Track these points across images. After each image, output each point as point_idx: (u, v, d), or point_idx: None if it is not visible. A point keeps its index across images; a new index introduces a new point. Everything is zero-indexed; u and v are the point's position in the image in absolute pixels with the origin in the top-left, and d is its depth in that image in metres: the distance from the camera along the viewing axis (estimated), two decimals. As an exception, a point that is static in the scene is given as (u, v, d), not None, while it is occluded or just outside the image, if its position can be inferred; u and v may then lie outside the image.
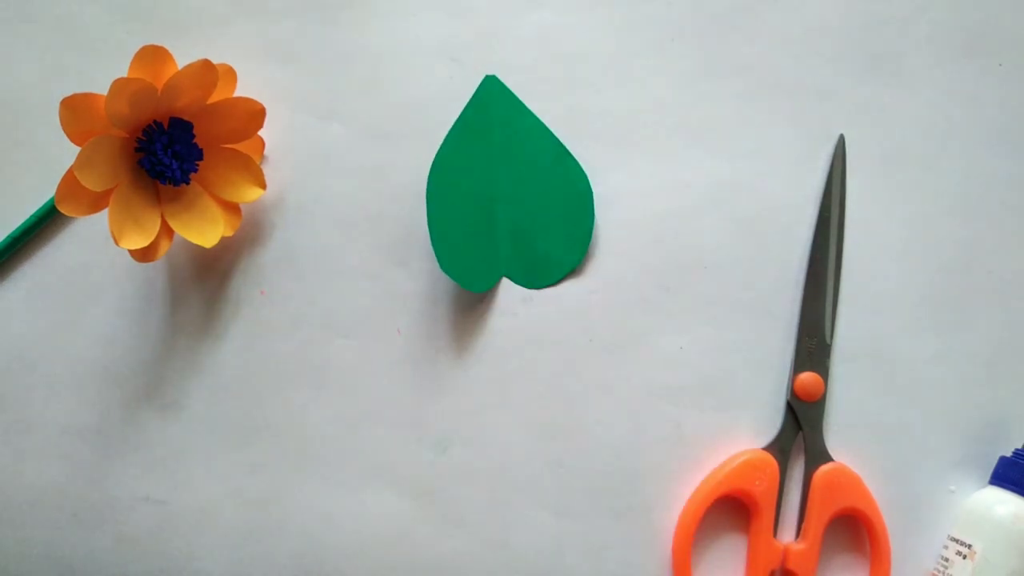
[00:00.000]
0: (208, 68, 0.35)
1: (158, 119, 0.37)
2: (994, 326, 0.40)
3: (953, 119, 0.40)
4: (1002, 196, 0.40)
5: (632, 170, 0.40)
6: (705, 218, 0.40)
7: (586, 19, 0.41)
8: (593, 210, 0.40)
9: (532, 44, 0.41)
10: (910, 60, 0.40)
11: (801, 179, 0.40)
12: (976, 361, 0.40)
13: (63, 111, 0.33)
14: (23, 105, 0.41)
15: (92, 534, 0.40)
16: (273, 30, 0.41)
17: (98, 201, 0.36)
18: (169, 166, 0.37)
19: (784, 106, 0.40)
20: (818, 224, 0.40)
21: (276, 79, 0.41)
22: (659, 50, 0.41)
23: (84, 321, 0.40)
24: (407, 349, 0.40)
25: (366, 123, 0.41)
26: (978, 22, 0.40)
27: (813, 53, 0.40)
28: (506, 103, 0.40)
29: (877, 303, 0.40)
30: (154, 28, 0.41)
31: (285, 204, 0.40)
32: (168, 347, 0.40)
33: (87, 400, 0.40)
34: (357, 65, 0.41)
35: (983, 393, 0.40)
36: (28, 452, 0.40)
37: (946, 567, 0.38)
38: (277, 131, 0.40)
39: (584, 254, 0.40)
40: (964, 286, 0.40)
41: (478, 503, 0.39)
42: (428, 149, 0.39)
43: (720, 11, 0.41)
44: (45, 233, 0.41)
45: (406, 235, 0.40)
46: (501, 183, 0.39)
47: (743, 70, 0.40)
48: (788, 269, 0.40)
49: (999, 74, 0.40)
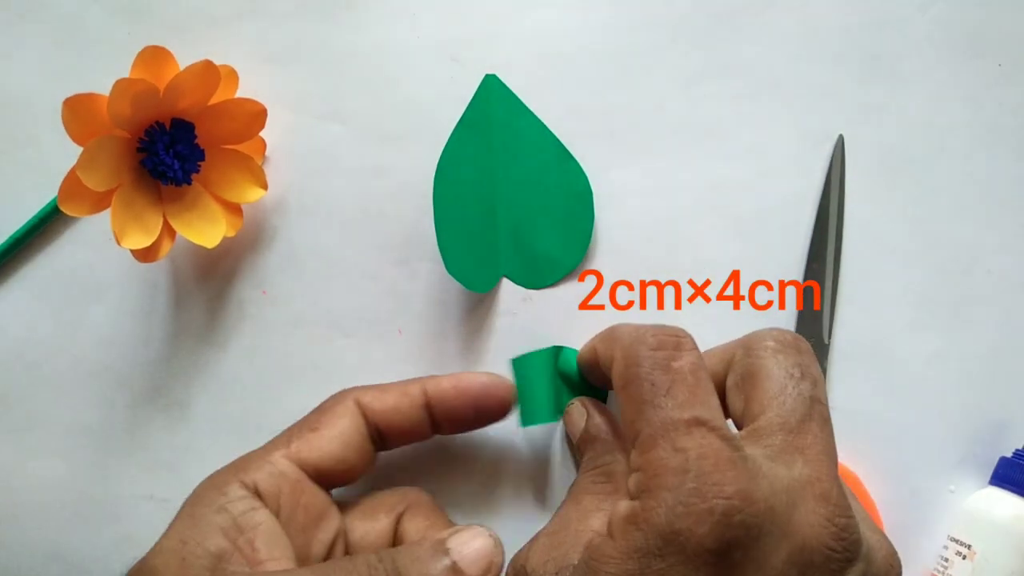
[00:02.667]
0: (210, 69, 0.36)
1: (160, 120, 0.37)
2: (994, 326, 0.40)
3: (953, 119, 0.40)
4: (1002, 196, 0.40)
5: (632, 170, 0.40)
6: (705, 218, 0.40)
7: (586, 19, 0.41)
8: (593, 210, 0.40)
9: (532, 44, 0.41)
10: (910, 60, 0.40)
11: (800, 179, 0.40)
12: (976, 361, 0.40)
13: (65, 111, 0.34)
14: (25, 105, 0.41)
15: (95, 533, 0.40)
16: (275, 31, 0.41)
17: (100, 201, 0.36)
18: (171, 166, 0.37)
19: (784, 106, 0.40)
20: (817, 223, 0.40)
21: (278, 80, 0.41)
22: (659, 50, 0.41)
23: (86, 321, 0.41)
24: (408, 349, 0.40)
25: (367, 123, 0.41)
26: (978, 22, 0.40)
27: (813, 53, 0.40)
28: (506, 103, 0.40)
29: (876, 303, 0.40)
30: (156, 29, 0.41)
31: (286, 204, 0.41)
32: (170, 347, 0.40)
33: (90, 399, 0.40)
34: (358, 65, 0.41)
35: (983, 393, 0.40)
36: (31, 451, 0.40)
37: (946, 567, 0.38)
38: (278, 132, 0.40)
39: (584, 254, 0.40)
40: (963, 286, 0.40)
41: (477, 502, 0.39)
42: (429, 149, 0.39)
43: (720, 11, 0.41)
44: (47, 233, 0.41)
45: (408, 235, 0.40)
46: (501, 183, 0.39)
47: (743, 70, 0.40)
48: (787, 269, 0.40)
49: (999, 74, 0.40)
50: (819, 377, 0.30)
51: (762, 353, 0.30)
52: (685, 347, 0.29)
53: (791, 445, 0.28)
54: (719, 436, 0.27)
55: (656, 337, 0.29)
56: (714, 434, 0.27)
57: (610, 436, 0.34)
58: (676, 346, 0.29)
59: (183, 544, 0.30)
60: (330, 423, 0.34)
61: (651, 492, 0.26)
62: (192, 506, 0.31)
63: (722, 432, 0.27)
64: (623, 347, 0.30)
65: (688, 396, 0.27)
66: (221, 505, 0.31)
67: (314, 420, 0.35)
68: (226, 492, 0.31)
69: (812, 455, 0.27)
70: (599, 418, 0.35)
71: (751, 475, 0.26)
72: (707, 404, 0.28)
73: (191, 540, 0.30)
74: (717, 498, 0.25)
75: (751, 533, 0.25)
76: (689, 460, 0.26)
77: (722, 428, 0.27)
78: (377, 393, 0.35)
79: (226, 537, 0.30)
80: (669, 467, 0.26)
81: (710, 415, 0.27)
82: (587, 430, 0.35)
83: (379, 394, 0.35)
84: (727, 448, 0.26)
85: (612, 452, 0.34)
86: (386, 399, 0.35)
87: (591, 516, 0.31)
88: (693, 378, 0.28)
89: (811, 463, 0.27)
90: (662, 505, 0.26)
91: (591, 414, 0.35)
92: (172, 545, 0.30)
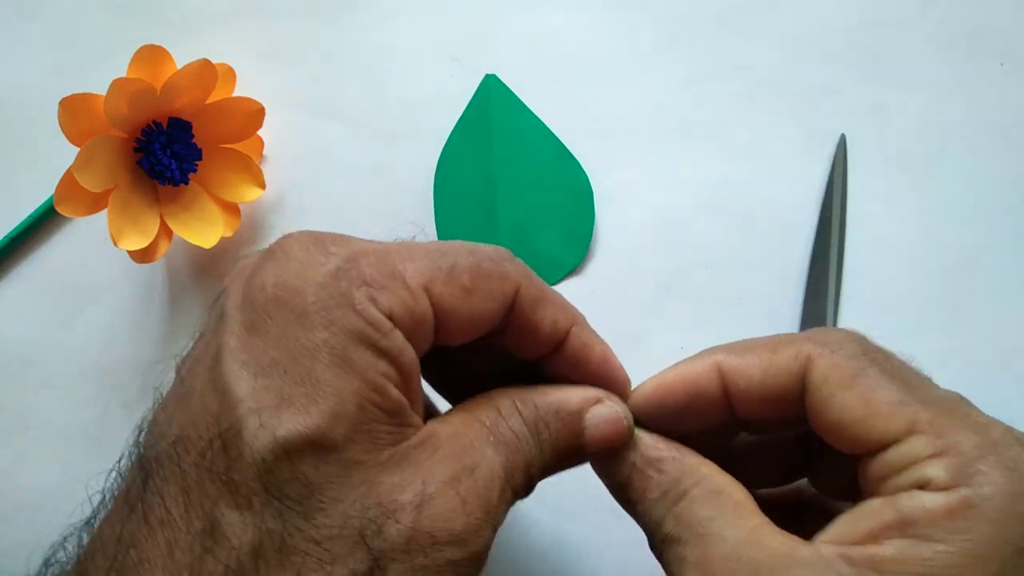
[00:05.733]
0: (207, 68, 0.35)
1: (157, 119, 0.36)
2: (996, 327, 0.40)
3: (954, 119, 0.40)
4: (1004, 196, 0.40)
5: (632, 170, 0.40)
6: (706, 218, 0.40)
7: (586, 19, 0.41)
8: (593, 210, 0.40)
9: (532, 44, 0.40)
10: (911, 59, 0.40)
11: (802, 179, 0.40)
12: (978, 361, 0.39)
13: (61, 111, 0.33)
14: (21, 105, 0.41)
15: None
16: (272, 29, 0.41)
17: (97, 202, 0.36)
18: (168, 166, 0.37)
19: (785, 106, 0.40)
20: (819, 224, 0.40)
21: (275, 79, 0.40)
22: (659, 49, 0.40)
23: (82, 321, 0.40)
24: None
25: (366, 123, 0.41)
26: (979, 22, 0.40)
27: (813, 53, 0.40)
28: (506, 103, 0.40)
29: (879, 303, 0.40)
30: (153, 28, 0.41)
31: (284, 204, 0.40)
32: (167, 347, 0.40)
33: (85, 400, 0.40)
34: (357, 64, 0.41)
35: (985, 394, 0.39)
36: (26, 452, 0.40)
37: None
38: (276, 131, 0.40)
39: (584, 254, 0.40)
40: (966, 286, 0.40)
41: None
42: (428, 149, 0.39)
43: (720, 11, 0.40)
44: (43, 233, 0.41)
45: (406, 235, 0.40)
46: (501, 183, 0.39)
47: (743, 70, 0.40)
48: (789, 269, 0.40)
49: (1000, 74, 0.40)
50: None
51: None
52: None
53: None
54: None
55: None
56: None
57: (679, 450, 0.27)
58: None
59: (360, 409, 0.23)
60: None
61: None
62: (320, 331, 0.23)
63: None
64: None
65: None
66: (374, 341, 0.23)
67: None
68: (374, 321, 0.23)
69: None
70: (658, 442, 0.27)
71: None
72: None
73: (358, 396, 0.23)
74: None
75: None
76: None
77: None
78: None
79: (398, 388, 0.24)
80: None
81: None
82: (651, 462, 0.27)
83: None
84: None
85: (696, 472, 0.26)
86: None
87: (798, 548, 0.23)
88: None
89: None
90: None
91: (640, 438, 0.27)
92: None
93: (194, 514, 0.22)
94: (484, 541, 0.24)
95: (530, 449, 0.26)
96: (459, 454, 0.24)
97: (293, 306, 0.23)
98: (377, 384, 0.23)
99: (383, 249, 0.25)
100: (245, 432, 0.22)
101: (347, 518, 0.22)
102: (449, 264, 0.25)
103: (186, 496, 0.22)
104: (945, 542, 0.21)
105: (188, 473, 0.23)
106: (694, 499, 0.25)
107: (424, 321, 0.24)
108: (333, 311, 0.23)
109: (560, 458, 0.26)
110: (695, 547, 0.24)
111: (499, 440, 0.25)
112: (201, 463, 0.23)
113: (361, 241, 0.25)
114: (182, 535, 0.22)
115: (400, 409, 0.23)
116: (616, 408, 0.27)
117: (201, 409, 0.23)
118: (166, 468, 0.23)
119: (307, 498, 0.22)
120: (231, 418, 0.22)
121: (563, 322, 0.27)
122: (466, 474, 0.24)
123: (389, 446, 0.23)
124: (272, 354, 0.23)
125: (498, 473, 0.24)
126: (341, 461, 0.22)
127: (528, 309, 0.26)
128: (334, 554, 0.22)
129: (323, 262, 0.24)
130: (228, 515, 0.22)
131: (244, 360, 0.23)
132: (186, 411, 0.24)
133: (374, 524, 0.22)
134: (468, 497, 0.23)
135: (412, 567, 0.22)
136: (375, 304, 0.23)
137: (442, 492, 0.23)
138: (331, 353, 0.23)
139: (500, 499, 0.24)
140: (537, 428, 0.26)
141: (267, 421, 0.22)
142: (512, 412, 0.26)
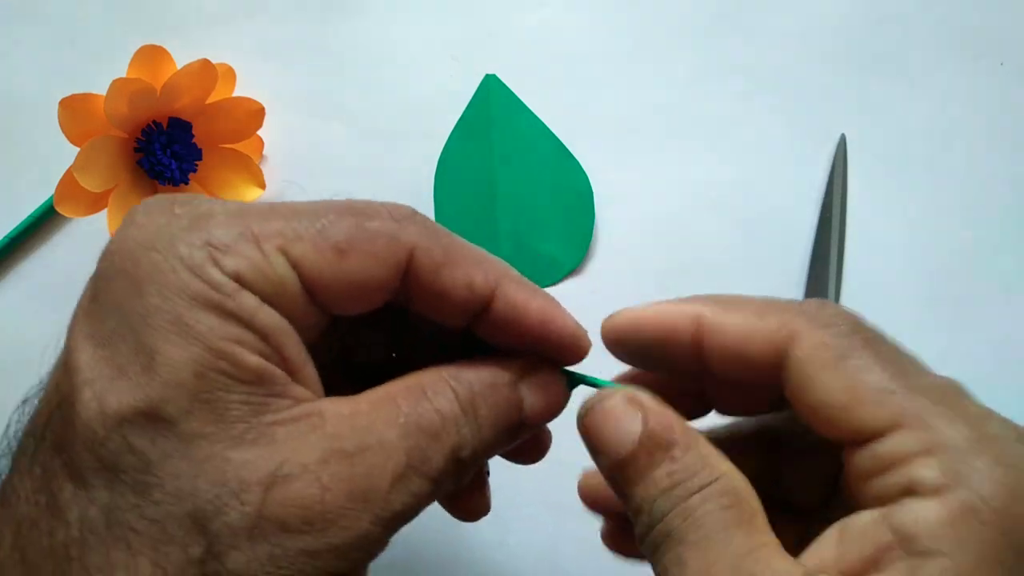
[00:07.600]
0: (207, 68, 0.35)
1: (157, 119, 0.36)
2: (997, 326, 0.40)
3: (955, 118, 0.40)
4: (1004, 196, 0.40)
5: (632, 170, 0.40)
6: (706, 218, 0.40)
7: (586, 19, 0.41)
8: (593, 210, 0.40)
9: (532, 44, 0.40)
10: (911, 59, 0.40)
11: (802, 179, 0.40)
12: (979, 362, 0.39)
13: (62, 111, 0.33)
14: (21, 105, 0.41)
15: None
16: (272, 29, 0.41)
17: (97, 202, 0.36)
18: (168, 166, 0.37)
19: (784, 106, 0.40)
20: (819, 224, 0.40)
21: (275, 79, 0.40)
22: (659, 50, 0.40)
23: (83, 322, 0.40)
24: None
25: (366, 123, 0.41)
26: (979, 21, 0.40)
27: (813, 53, 0.40)
28: (506, 103, 0.40)
29: (879, 303, 0.40)
30: (153, 28, 0.41)
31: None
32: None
33: (86, 401, 0.40)
34: (357, 65, 0.41)
35: (986, 394, 0.39)
36: (27, 453, 0.40)
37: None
38: (276, 131, 0.40)
39: (584, 254, 0.40)
40: (966, 286, 0.40)
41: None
42: (428, 149, 0.39)
43: (720, 11, 0.40)
44: (43, 234, 0.41)
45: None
46: (501, 183, 0.39)
47: (743, 70, 0.40)
48: (790, 269, 0.40)
49: (1000, 73, 0.40)
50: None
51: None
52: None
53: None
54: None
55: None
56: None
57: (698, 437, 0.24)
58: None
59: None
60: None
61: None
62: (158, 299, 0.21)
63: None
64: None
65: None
66: (217, 303, 0.21)
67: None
68: (215, 283, 0.21)
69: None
70: (670, 413, 0.24)
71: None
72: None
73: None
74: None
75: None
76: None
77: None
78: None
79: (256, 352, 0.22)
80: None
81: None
82: (654, 436, 0.23)
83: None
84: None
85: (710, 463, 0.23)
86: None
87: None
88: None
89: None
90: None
91: (650, 409, 0.23)
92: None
93: (41, 489, 0.21)
94: (355, 532, 0.21)
95: (460, 430, 0.23)
96: (343, 434, 0.22)
97: (129, 273, 0.22)
98: (223, 351, 0.21)
99: (236, 209, 0.23)
100: (78, 404, 0.21)
101: (184, 495, 0.20)
102: (319, 224, 0.23)
103: (42, 470, 0.22)
104: (950, 556, 0.20)
105: (40, 447, 0.22)
106: (709, 498, 0.22)
107: (284, 284, 0.22)
108: (167, 275, 0.21)
109: (501, 435, 0.24)
110: (700, 551, 0.22)
111: (412, 423, 0.23)
112: (47, 436, 0.22)
113: (214, 202, 0.23)
114: (32, 509, 0.21)
115: (264, 378, 0.21)
116: (552, 375, 0.25)
117: (51, 382, 0.23)
118: (24, 443, 0.23)
119: (143, 473, 0.20)
120: (68, 389, 0.21)
121: (481, 283, 0.25)
122: (340, 457, 0.21)
123: (243, 420, 0.21)
124: (110, 324, 0.22)
125: (395, 458, 0.22)
126: (179, 435, 0.21)
127: (428, 272, 0.24)
128: (170, 534, 0.20)
129: (164, 224, 0.22)
130: (66, 489, 0.21)
131: (87, 332, 0.22)
132: (44, 386, 0.23)
133: (212, 505, 0.20)
134: (333, 482, 0.21)
135: (255, 555, 0.20)
136: (217, 265, 0.21)
137: (301, 474, 0.21)
138: (166, 319, 0.21)
139: (394, 487, 0.22)
140: (474, 405, 0.24)
141: (99, 392, 0.21)
142: (442, 390, 0.23)
